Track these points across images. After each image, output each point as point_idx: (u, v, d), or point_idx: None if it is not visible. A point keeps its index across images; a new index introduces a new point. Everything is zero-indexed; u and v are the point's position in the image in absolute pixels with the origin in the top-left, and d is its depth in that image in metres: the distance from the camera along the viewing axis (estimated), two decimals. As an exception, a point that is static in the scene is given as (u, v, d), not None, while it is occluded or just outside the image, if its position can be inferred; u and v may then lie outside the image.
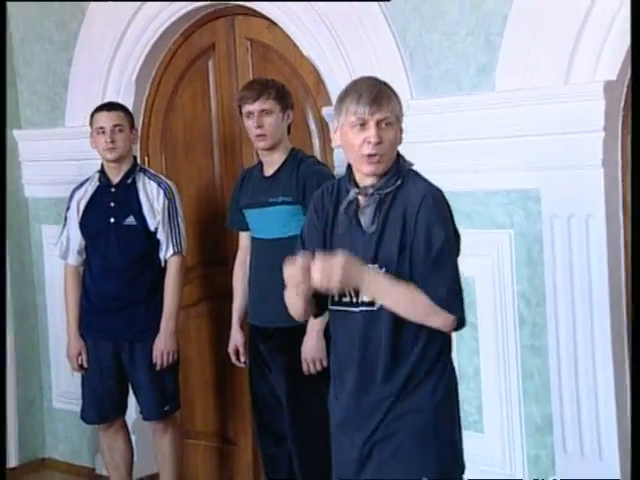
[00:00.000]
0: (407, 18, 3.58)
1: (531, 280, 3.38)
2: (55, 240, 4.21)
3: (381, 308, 2.51)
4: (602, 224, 3.19)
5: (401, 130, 2.61)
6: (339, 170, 3.82)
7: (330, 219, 2.65)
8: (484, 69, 3.42)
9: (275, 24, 4.02)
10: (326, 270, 2.44)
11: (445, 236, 2.51)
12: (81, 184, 4.06)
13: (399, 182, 2.56)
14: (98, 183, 3.99)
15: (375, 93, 2.54)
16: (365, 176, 2.58)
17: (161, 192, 3.90)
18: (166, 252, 3.89)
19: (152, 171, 4.09)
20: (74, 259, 4.02)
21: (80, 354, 3.98)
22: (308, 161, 3.64)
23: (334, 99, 3.74)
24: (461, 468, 2.64)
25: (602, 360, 3.24)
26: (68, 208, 4.04)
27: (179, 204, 3.95)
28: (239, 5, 4.11)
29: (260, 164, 3.72)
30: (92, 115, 3.96)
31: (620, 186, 3.23)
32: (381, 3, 3.63)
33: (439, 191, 2.58)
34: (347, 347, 2.60)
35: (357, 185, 2.60)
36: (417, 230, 2.49)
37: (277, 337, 3.56)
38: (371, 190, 2.56)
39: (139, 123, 4.55)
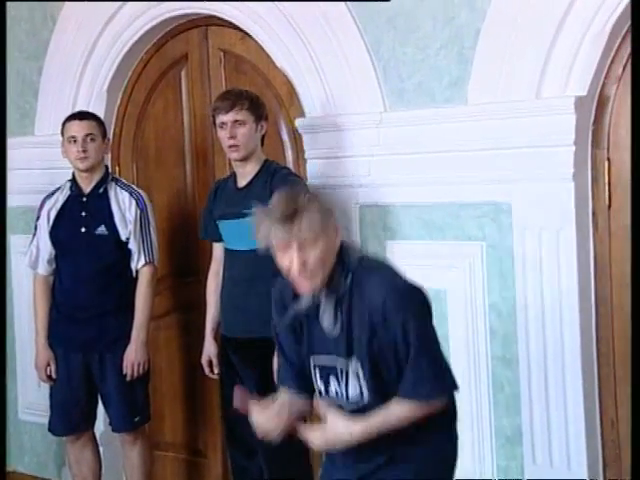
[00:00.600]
0: (380, 31, 3.60)
1: (502, 292, 3.40)
2: (24, 249, 4.17)
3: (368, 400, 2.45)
4: (572, 237, 3.22)
5: (336, 230, 2.42)
6: (312, 181, 3.84)
7: (289, 320, 2.55)
8: (457, 82, 3.44)
9: (249, 36, 4.02)
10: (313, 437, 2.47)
11: (417, 325, 2.38)
12: (52, 193, 4.03)
13: (349, 279, 2.41)
14: (69, 192, 3.96)
15: (284, 214, 2.36)
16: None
17: (133, 202, 3.88)
18: (137, 262, 3.87)
19: (124, 181, 4.07)
20: (44, 268, 3.99)
21: (49, 364, 3.94)
22: (282, 172, 3.64)
23: (307, 110, 3.84)
24: None
25: (571, 371, 3.26)
26: (38, 217, 4.01)
27: (151, 214, 3.94)
28: (213, 16, 4.11)
29: (233, 175, 3.72)
30: (64, 124, 3.93)
31: (590, 200, 3.27)
32: (355, 15, 3.65)
33: (396, 278, 2.44)
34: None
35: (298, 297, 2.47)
36: (391, 333, 2.38)
37: (249, 348, 3.55)
38: (322, 297, 2.43)
39: (110, 132, 4.52)
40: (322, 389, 2.52)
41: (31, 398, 4.76)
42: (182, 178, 4.38)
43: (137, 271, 3.89)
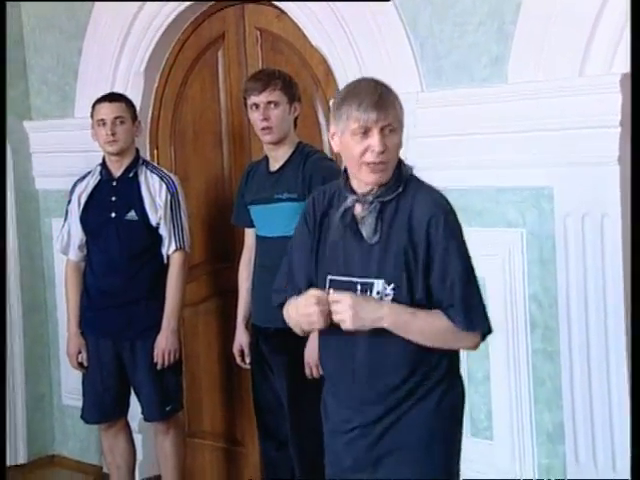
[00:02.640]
0: (417, 7, 3.45)
1: (543, 281, 3.23)
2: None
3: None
4: (617, 223, 3.04)
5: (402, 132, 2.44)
6: (347, 164, 3.70)
7: (319, 228, 2.51)
8: (496, 60, 3.28)
9: (285, 13, 3.90)
10: (339, 309, 2.33)
11: (459, 252, 2.38)
12: (83, 177, 3.96)
13: (400, 189, 2.41)
14: (99, 177, 3.89)
15: (377, 98, 2.36)
16: (365, 184, 2.42)
17: (163, 186, 3.79)
18: (168, 248, 3.78)
19: (155, 164, 3.99)
20: (75, 254, 3.93)
21: (80, 352, 3.89)
22: (315, 156, 3.50)
23: (344, 90, 3.69)
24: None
25: (616, 365, 3.09)
26: (69, 201, 3.95)
27: (182, 199, 3.84)
28: (249, -6, 4.00)
29: (266, 158, 3.59)
30: (93, 106, 3.86)
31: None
32: (391, -9, 3.50)
33: (445, 203, 2.42)
34: (346, 360, 2.47)
35: (354, 192, 2.45)
36: (431, 252, 2.35)
37: (279, 338, 3.43)
38: (371, 198, 2.41)
39: (148, 115, 4.48)
40: None
41: (74, 383, 4.70)
42: (219, 162, 4.28)
43: (168, 257, 3.80)
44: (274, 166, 3.52)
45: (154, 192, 3.78)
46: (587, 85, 3.03)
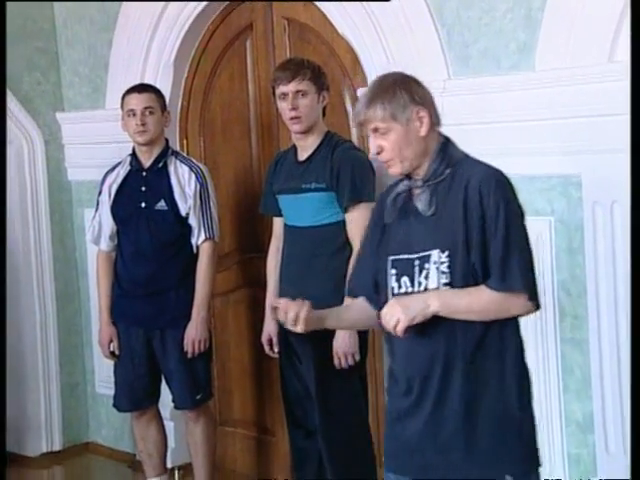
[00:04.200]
0: (444, -6, 3.43)
1: (572, 270, 3.20)
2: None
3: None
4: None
5: (421, 119, 2.42)
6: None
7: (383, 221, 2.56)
8: (524, 47, 3.24)
9: (312, 2, 3.89)
10: (388, 315, 2.37)
11: (507, 216, 2.37)
12: (113, 167, 3.99)
13: (448, 171, 2.44)
14: (129, 167, 3.91)
15: (367, 98, 2.45)
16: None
17: (193, 176, 3.81)
18: (198, 238, 3.80)
19: (184, 154, 4.01)
20: (106, 244, 3.96)
21: (111, 341, 3.93)
22: (343, 146, 3.49)
23: (370, 80, 3.67)
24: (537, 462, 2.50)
25: (646, 355, 3.05)
26: (100, 192, 3.98)
27: (212, 189, 3.85)
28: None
29: (294, 148, 3.59)
30: (123, 97, 3.88)
31: (667, 171, 3.02)
32: (418, -21, 3.48)
33: (499, 172, 2.43)
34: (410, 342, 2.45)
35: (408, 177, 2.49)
36: (485, 218, 2.36)
37: (307, 327, 3.45)
38: (420, 182, 2.45)
39: (178, 105, 4.50)
40: (395, 287, 2.48)
41: (107, 372, 4.73)
42: (248, 152, 4.29)
43: (198, 247, 3.82)
44: (302, 155, 3.51)
45: (184, 182, 3.80)
46: (616, 71, 2.98)
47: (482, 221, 2.36)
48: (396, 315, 2.36)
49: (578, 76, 3.08)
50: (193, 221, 3.79)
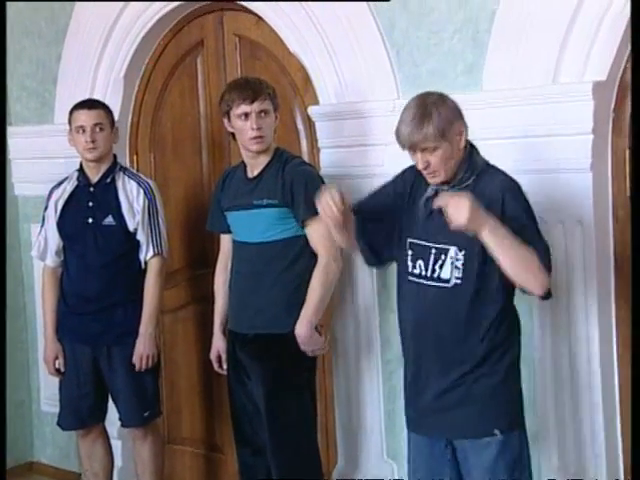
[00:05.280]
0: (394, 14, 3.46)
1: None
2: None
3: (455, 286, 2.69)
4: (591, 230, 3.06)
5: (460, 133, 2.70)
6: (326, 171, 3.72)
7: (408, 195, 2.85)
8: (472, 68, 3.30)
9: (263, 20, 3.91)
10: (455, 205, 2.55)
11: (533, 224, 2.68)
12: (59, 183, 3.96)
13: (472, 178, 2.71)
14: (77, 182, 3.88)
15: (413, 120, 2.69)
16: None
17: (141, 191, 3.79)
18: (146, 253, 3.79)
19: (133, 170, 3.99)
20: (52, 260, 3.93)
21: (57, 358, 3.88)
22: (294, 162, 3.50)
23: (321, 98, 3.71)
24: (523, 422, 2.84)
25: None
26: (46, 207, 3.95)
27: (160, 204, 3.84)
28: (228, 1, 4.00)
29: (243, 165, 3.59)
30: (71, 112, 3.85)
31: (610, 191, 3.09)
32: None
33: (517, 183, 2.73)
34: (419, 320, 2.79)
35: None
36: (506, 219, 2.61)
37: (256, 344, 3.45)
38: (446, 187, 2.72)
39: (128, 121, 4.47)
40: (410, 266, 2.80)
41: (53, 390, 4.64)
42: (198, 168, 4.29)
43: (146, 262, 3.80)
44: (252, 172, 3.52)
45: (132, 197, 3.78)
46: (560, 93, 3.05)
47: (504, 219, 2.61)
48: (463, 209, 2.53)
49: (524, 97, 3.14)
50: (141, 237, 3.77)
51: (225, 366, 3.66)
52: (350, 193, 3.59)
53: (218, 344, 3.67)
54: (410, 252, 2.80)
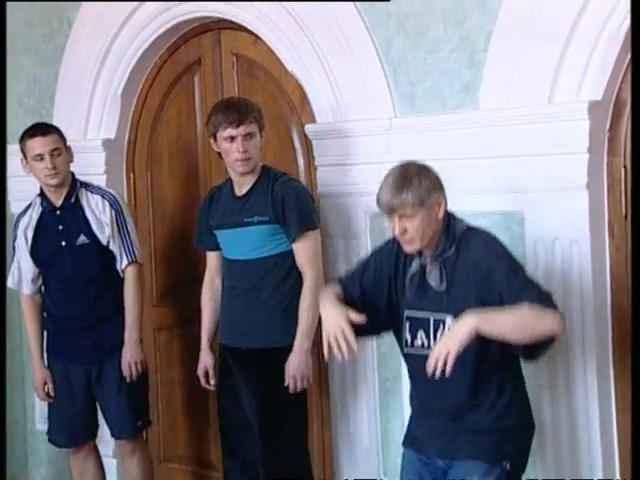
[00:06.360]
0: (391, 34, 3.49)
1: (514, 306, 3.25)
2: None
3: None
4: (587, 248, 3.08)
5: (440, 204, 2.72)
6: (322, 189, 3.74)
7: (393, 278, 2.84)
8: (468, 87, 3.32)
9: (260, 39, 3.93)
10: (436, 352, 2.57)
11: (524, 275, 2.69)
12: (24, 210, 3.94)
13: (453, 247, 2.73)
14: (41, 208, 3.86)
15: (392, 187, 2.71)
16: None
17: (106, 204, 3.79)
18: (121, 263, 3.79)
19: (94, 184, 3.93)
20: (29, 288, 3.91)
21: (45, 383, 3.88)
22: (282, 178, 3.54)
23: (318, 116, 3.73)
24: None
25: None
26: (15, 237, 3.92)
27: (127, 212, 3.84)
28: (224, 19, 4.02)
29: (229, 183, 3.62)
30: (24, 141, 3.80)
31: (606, 209, 3.11)
32: (365, 18, 3.54)
33: (493, 238, 2.77)
34: (427, 390, 2.80)
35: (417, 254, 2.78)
36: (493, 278, 2.65)
37: (250, 358, 3.47)
38: (429, 259, 2.75)
39: (125, 139, 4.48)
40: (409, 339, 2.83)
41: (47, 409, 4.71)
42: (195, 186, 4.29)
43: (123, 272, 3.81)
44: (241, 190, 3.54)
45: (98, 212, 3.78)
46: (556, 112, 3.07)
47: (491, 280, 2.64)
48: (444, 348, 2.54)
49: (520, 116, 3.16)
50: (114, 248, 3.78)
51: (213, 382, 3.68)
52: (346, 210, 3.68)
53: (206, 360, 3.69)
54: (408, 324, 2.82)
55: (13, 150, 4.77)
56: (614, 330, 3.14)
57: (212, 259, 3.70)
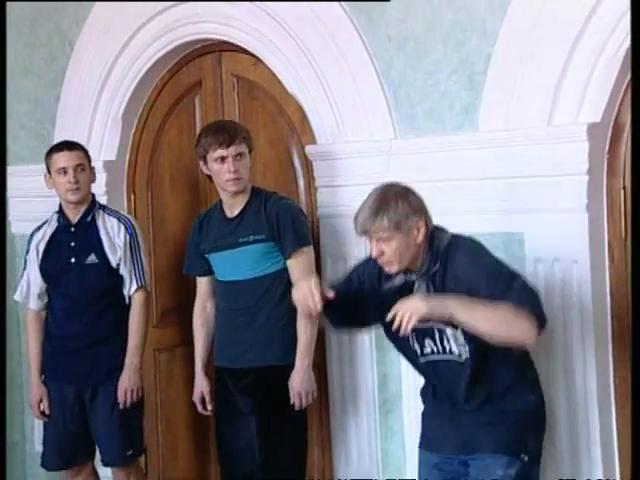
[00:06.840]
0: (391, 56, 3.51)
1: (515, 327, 3.25)
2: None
3: (466, 360, 2.74)
4: (586, 269, 3.08)
5: (419, 228, 2.73)
6: (322, 210, 3.75)
7: (377, 282, 2.86)
8: (468, 109, 3.34)
9: (261, 61, 3.95)
10: (409, 307, 2.59)
11: (509, 278, 2.69)
12: (39, 226, 3.96)
13: (438, 264, 2.73)
14: (57, 224, 3.88)
15: (370, 210, 2.71)
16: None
17: (122, 227, 3.81)
18: (130, 288, 3.79)
19: (111, 207, 3.99)
20: (35, 303, 3.92)
21: (41, 401, 3.87)
22: (274, 197, 3.58)
23: (318, 137, 3.75)
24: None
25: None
26: (27, 251, 3.94)
27: (141, 239, 3.86)
28: (225, 41, 4.05)
29: (218, 206, 3.64)
30: (50, 154, 3.84)
31: (606, 231, 3.12)
32: (365, 40, 3.56)
33: (478, 247, 2.78)
34: (442, 384, 2.88)
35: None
36: (478, 283, 2.66)
37: (251, 378, 3.48)
38: (415, 276, 2.76)
39: (125, 160, 4.50)
40: (418, 350, 2.84)
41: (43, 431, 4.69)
42: (195, 207, 4.30)
43: (129, 297, 3.81)
44: (232, 212, 3.57)
45: (112, 234, 3.79)
46: (555, 134, 3.09)
47: (476, 294, 2.63)
48: (413, 305, 2.58)
49: (519, 138, 3.17)
50: (124, 272, 3.78)
51: (210, 407, 3.68)
52: (346, 232, 3.68)
53: (202, 385, 3.70)
54: (413, 335, 2.81)
55: (14, 171, 4.83)
56: (614, 348, 3.14)
57: (203, 285, 3.73)
